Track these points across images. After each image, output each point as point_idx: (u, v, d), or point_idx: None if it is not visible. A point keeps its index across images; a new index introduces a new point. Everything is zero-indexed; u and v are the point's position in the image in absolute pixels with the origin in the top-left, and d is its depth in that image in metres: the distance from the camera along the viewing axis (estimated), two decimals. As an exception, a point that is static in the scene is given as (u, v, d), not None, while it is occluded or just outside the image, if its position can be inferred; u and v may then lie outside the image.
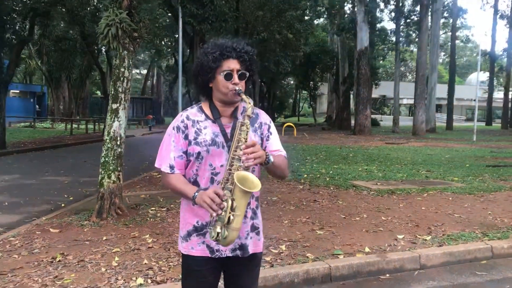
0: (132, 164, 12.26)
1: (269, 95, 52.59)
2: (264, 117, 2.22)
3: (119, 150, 6.30)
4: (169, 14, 18.71)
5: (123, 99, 6.37)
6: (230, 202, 1.86)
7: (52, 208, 7.24)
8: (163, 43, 32.05)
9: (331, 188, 8.60)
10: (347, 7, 36.47)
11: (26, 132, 23.74)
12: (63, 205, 7.41)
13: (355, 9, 29.30)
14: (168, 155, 2.10)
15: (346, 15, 33.62)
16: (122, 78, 6.38)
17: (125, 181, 8.85)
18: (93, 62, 26.18)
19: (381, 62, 60.28)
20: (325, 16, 36.71)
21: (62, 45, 20.56)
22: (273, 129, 2.23)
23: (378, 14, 35.41)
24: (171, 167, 2.09)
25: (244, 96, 2.01)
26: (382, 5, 33.86)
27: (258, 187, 1.89)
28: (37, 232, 5.46)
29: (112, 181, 6.21)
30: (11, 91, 32.16)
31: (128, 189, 8.57)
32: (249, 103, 1.99)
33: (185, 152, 2.09)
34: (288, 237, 5.35)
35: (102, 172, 6.23)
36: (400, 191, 8.24)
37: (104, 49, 26.54)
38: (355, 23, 28.02)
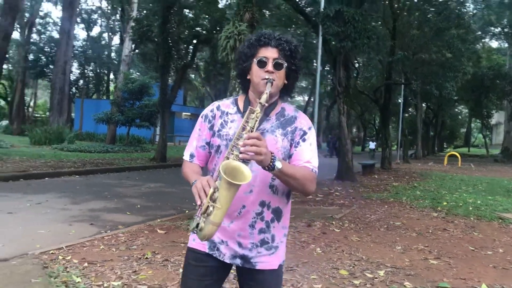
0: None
1: (436, 122, 49.27)
2: (302, 122, 1.89)
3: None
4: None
5: (237, 109, 6.43)
6: (211, 191, 1.60)
7: (176, 213, 7.58)
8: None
9: (471, 219, 7.47)
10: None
11: (191, 150, 25.88)
12: (187, 211, 7.73)
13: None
14: (191, 143, 1.96)
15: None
16: (238, 90, 6.46)
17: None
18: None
19: None
20: (501, 37, 33.23)
21: (221, 71, 22.11)
22: (310, 137, 1.88)
23: None
24: (191, 156, 1.94)
25: (268, 84, 1.74)
26: None
27: (247, 179, 1.59)
28: (145, 232, 5.73)
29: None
30: (183, 113, 35.74)
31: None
32: (266, 92, 1.72)
33: (208, 144, 1.92)
34: (393, 263, 4.72)
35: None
36: (560, 228, 6.78)
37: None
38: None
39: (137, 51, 33.47)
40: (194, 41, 17.56)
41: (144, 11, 19.25)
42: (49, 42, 35.66)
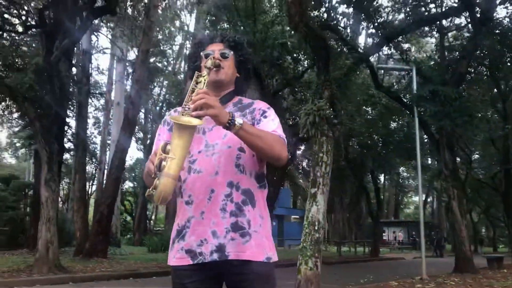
0: (381, 276, 11.96)
1: None
2: (260, 104, 1.92)
3: (317, 235, 6.10)
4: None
5: (321, 184, 6.31)
6: (162, 144, 1.56)
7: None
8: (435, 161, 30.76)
9: None
10: None
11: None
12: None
13: None
14: (154, 150, 1.94)
15: None
16: (320, 163, 6.41)
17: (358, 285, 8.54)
18: (361, 186, 26.89)
19: None
20: None
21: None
22: (271, 115, 1.86)
23: None
24: None
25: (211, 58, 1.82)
26: None
27: (198, 123, 1.56)
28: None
29: (309, 268, 5.97)
30: (292, 216, 35.67)
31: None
32: (211, 57, 1.81)
33: None
34: None
35: (300, 258, 6.08)
36: None
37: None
38: None
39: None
40: (293, 139, 17.99)
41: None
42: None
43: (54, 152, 9.92)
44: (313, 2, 11.49)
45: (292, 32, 10.15)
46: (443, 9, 12.04)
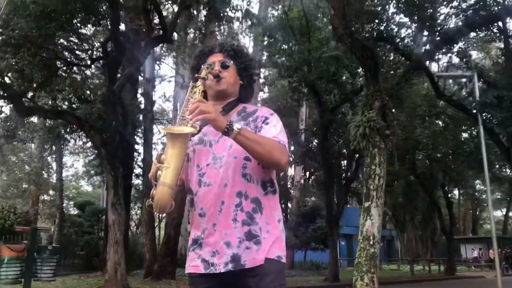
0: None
1: None
2: (263, 111, 1.93)
3: (372, 250, 5.92)
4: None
5: (375, 197, 6.14)
6: (157, 155, 1.61)
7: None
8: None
9: None
10: None
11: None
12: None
13: None
14: None
15: None
16: (373, 176, 6.25)
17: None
18: (432, 201, 25.76)
19: None
20: None
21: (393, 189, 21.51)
22: (273, 121, 1.87)
23: None
24: None
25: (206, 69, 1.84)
26: None
27: (189, 131, 1.59)
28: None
29: (365, 284, 5.78)
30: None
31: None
32: (206, 68, 1.83)
33: None
34: None
35: (356, 274, 5.91)
36: None
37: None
38: None
39: (313, 177, 34.81)
40: (356, 155, 17.66)
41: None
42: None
43: (119, 177, 10.34)
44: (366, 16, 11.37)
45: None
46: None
